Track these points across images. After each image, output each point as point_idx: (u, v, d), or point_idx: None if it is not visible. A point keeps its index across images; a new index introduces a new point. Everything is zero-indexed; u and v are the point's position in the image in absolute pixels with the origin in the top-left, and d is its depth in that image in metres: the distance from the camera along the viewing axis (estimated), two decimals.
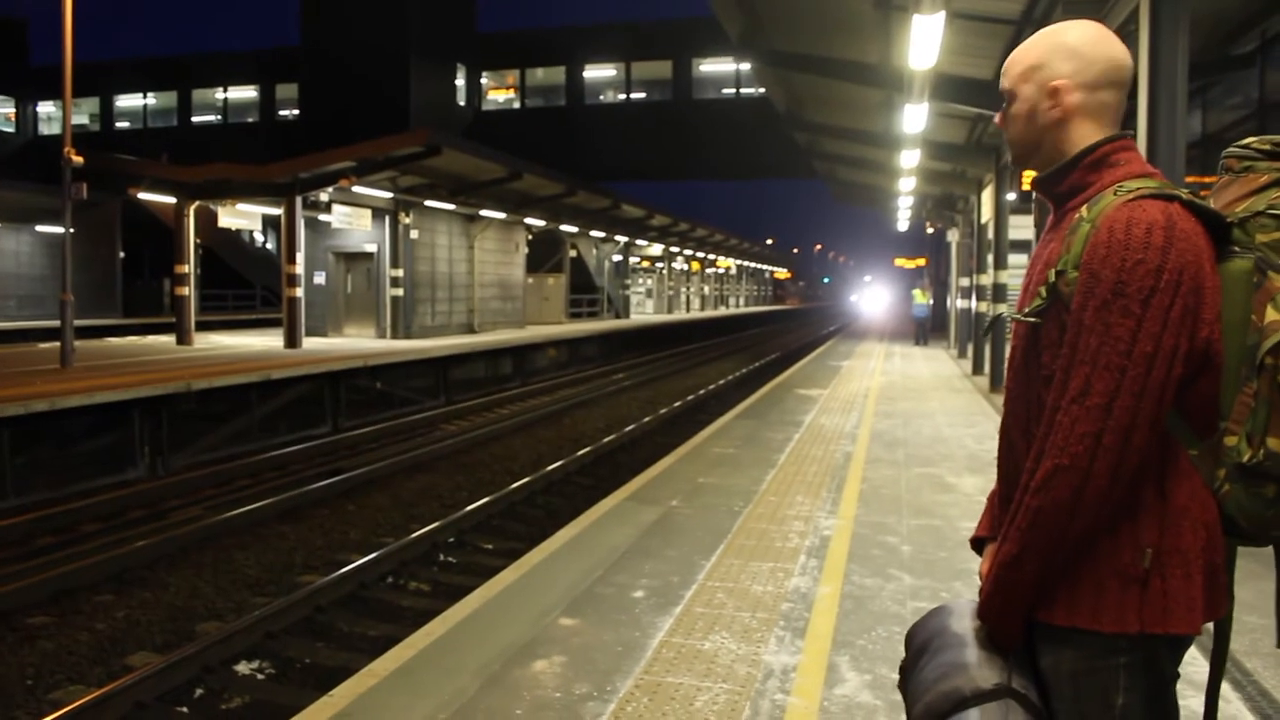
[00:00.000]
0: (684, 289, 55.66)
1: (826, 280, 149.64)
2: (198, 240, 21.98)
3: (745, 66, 36.85)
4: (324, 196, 20.18)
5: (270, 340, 21.38)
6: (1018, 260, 17.02)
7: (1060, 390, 1.71)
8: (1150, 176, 1.78)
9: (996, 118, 1.96)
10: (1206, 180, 13.34)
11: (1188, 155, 7.29)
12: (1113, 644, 1.74)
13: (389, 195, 21.50)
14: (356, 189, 19.93)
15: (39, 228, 31.06)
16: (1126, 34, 9.09)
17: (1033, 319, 1.79)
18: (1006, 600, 1.78)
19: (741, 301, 74.62)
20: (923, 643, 1.93)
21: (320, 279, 22.86)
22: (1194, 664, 4.59)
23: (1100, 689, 1.75)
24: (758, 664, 4.50)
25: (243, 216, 22.03)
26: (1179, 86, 6.86)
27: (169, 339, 21.45)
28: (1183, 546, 1.75)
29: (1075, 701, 1.77)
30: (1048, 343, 1.77)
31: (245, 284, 43.46)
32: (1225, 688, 4.29)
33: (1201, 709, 2.07)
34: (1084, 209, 1.77)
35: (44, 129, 51.33)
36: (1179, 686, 1.90)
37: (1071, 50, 1.84)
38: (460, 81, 45.39)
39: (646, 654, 4.62)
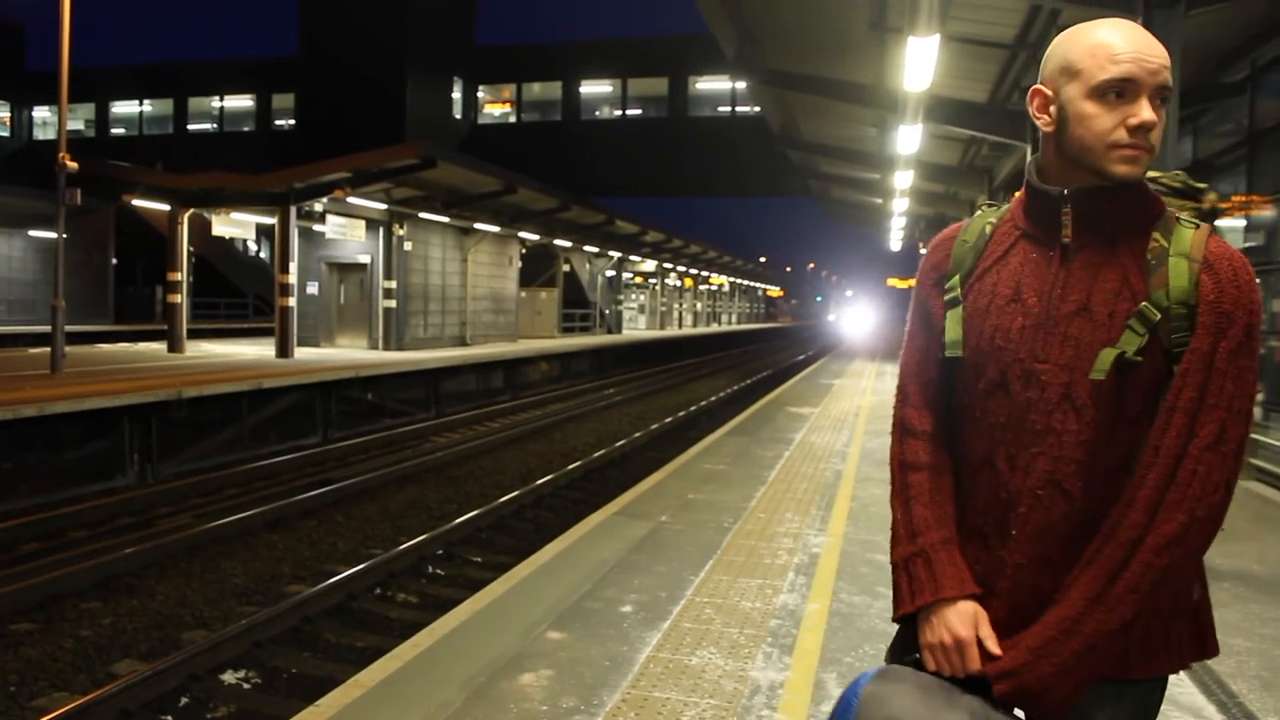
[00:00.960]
0: (676, 305, 55.74)
1: (820, 299, 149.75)
2: (191, 248, 21.96)
3: (741, 85, 36.99)
4: (318, 207, 20.19)
5: (262, 349, 21.35)
6: None
7: (1184, 436, 1.57)
8: None
9: (1153, 116, 1.60)
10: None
11: None
12: (1162, 682, 1.72)
13: (383, 207, 21.52)
14: (351, 200, 19.96)
15: (32, 233, 31.00)
16: None
17: (1139, 359, 1.60)
18: (1090, 676, 1.59)
19: (734, 319, 74.76)
20: None
21: (313, 289, 22.86)
22: (1179, 685, 4.61)
23: None
24: (745, 680, 4.50)
25: (237, 225, 22.02)
26: (1170, 113, 6.92)
27: (160, 346, 21.42)
28: (1203, 573, 1.73)
29: None
30: (1140, 385, 1.61)
31: (238, 293, 43.45)
32: (1211, 710, 4.31)
33: None
34: (1158, 237, 1.65)
35: (39, 134, 51.31)
36: (1165, 708, 1.84)
37: None
38: (456, 94, 45.53)
39: (634, 669, 4.61)
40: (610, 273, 40.55)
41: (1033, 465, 1.66)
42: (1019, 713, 1.64)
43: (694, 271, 54.42)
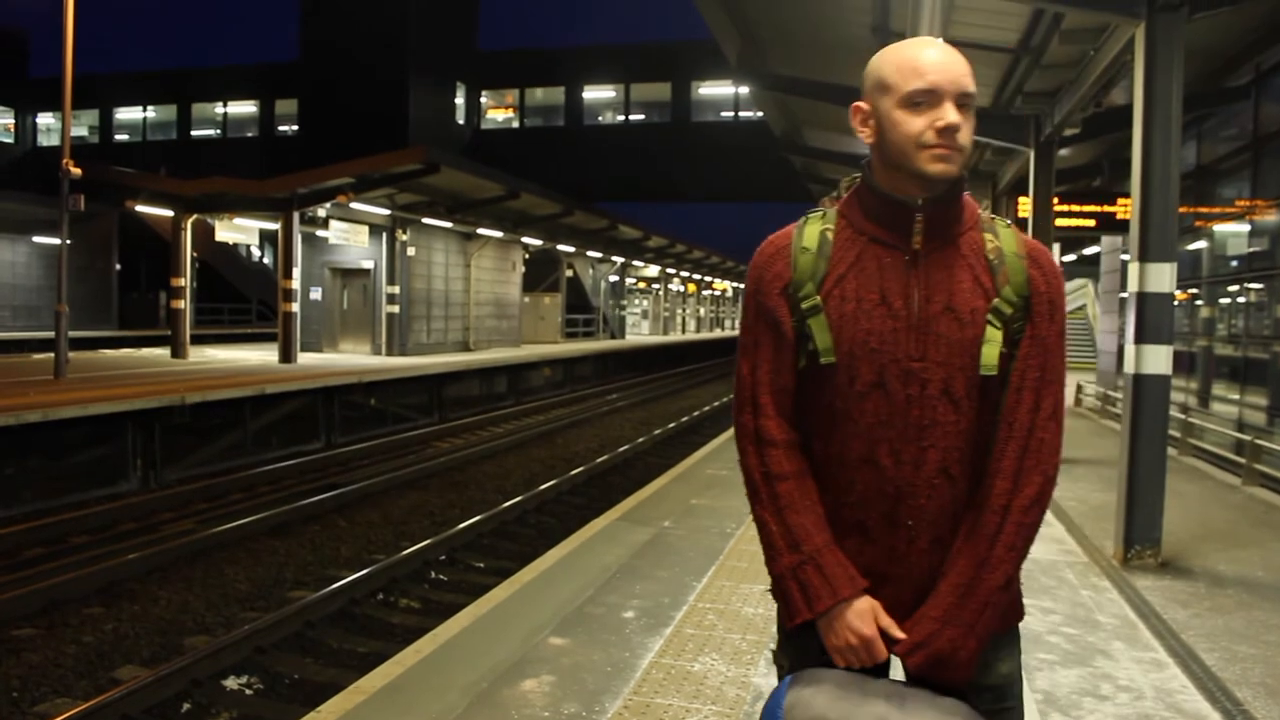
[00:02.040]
0: (680, 310, 55.75)
1: None
2: (194, 254, 21.99)
3: (744, 90, 37.02)
4: (321, 212, 20.22)
5: (265, 355, 21.36)
6: None
7: (1032, 411, 1.79)
8: None
9: (965, 122, 1.78)
10: (1201, 210, 13.42)
11: (1181, 186, 7.33)
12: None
13: (386, 212, 21.54)
14: (354, 205, 19.97)
15: (36, 238, 31.07)
16: (1122, 64, 9.17)
17: (1006, 350, 1.79)
18: (987, 631, 1.76)
19: (737, 324, 74.64)
20: None
21: (316, 294, 22.87)
22: (1184, 693, 4.59)
23: (1017, 661, 1.91)
24: (747, 686, 4.49)
25: (240, 231, 22.07)
26: (1174, 117, 6.91)
27: (164, 352, 21.43)
28: None
29: (1004, 698, 1.87)
30: (1002, 372, 1.79)
31: (241, 298, 43.50)
32: (1216, 716, 4.29)
33: None
34: (988, 238, 1.84)
35: (43, 140, 51.38)
36: (1170, 715, 1.91)
37: None
38: (460, 100, 45.56)
39: (636, 675, 4.60)
40: (613, 278, 40.56)
41: (923, 458, 1.78)
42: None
43: (697, 276, 54.44)
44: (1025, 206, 12.29)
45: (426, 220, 22.81)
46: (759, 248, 1.93)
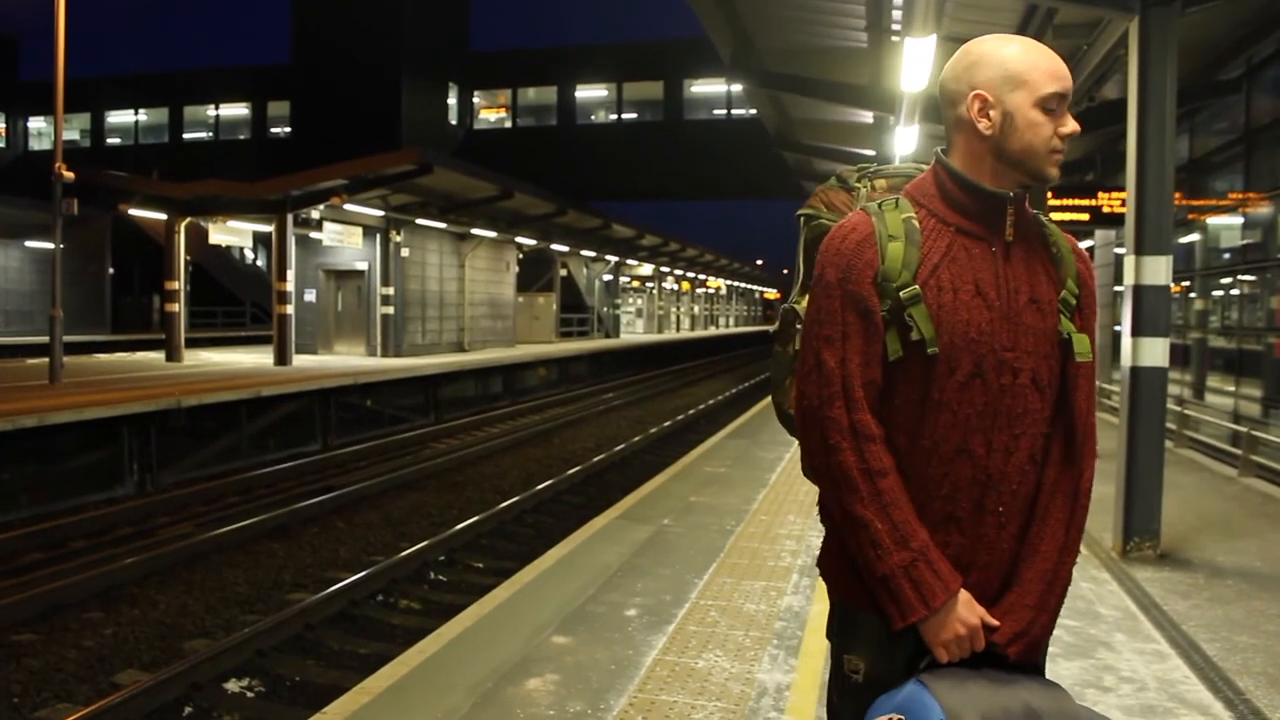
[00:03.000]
0: (674, 309, 55.76)
1: None
2: (188, 257, 21.97)
3: (736, 87, 37.03)
4: (315, 214, 20.19)
5: (260, 357, 21.33)
6: None
7: (1087, 399, 1.88)
8: None
9: (1075, 127, 1.84)
10: (1195, 203, 13.45)
11: (1175, 179, 7.35)
12: None
13: (380, 213, 21.51)
14: (348, 207, 19.94)
15: (29, 243, 30.98)
16: (1115, 58, 9.19)
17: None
18: (1060, 610, 1.88)
19: (731, 322, 74.76)
20: None
21: (311, 296, 22.84)
22: (1186, 683, 4.61)
23: None
24: (751, 682, 4.50)
25: (233, 233, 22.02)
26: (1168, 110, 6.93)
27: (158, 355, 21.39)
28: None
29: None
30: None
31: (235, 301, 43.42)
32: (1219, 707, 4.30)
33: None
34: (1045, 232, 1.91)
35: (35, 144, 51.28)
36: (1173, 705, 1.95)
37: None
38: (452, 100, 45.54)
39: (640, 672, 4.61)
40: (607, 277, 40.54)
41: (1016, 445, 1.81)
42: None
43: (691, 275, 54.45)
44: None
45: (420, 221, 22.79)
46: (836, 233, 1.89)
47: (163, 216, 20.63)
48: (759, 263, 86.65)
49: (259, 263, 45.28)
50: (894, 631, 1.78)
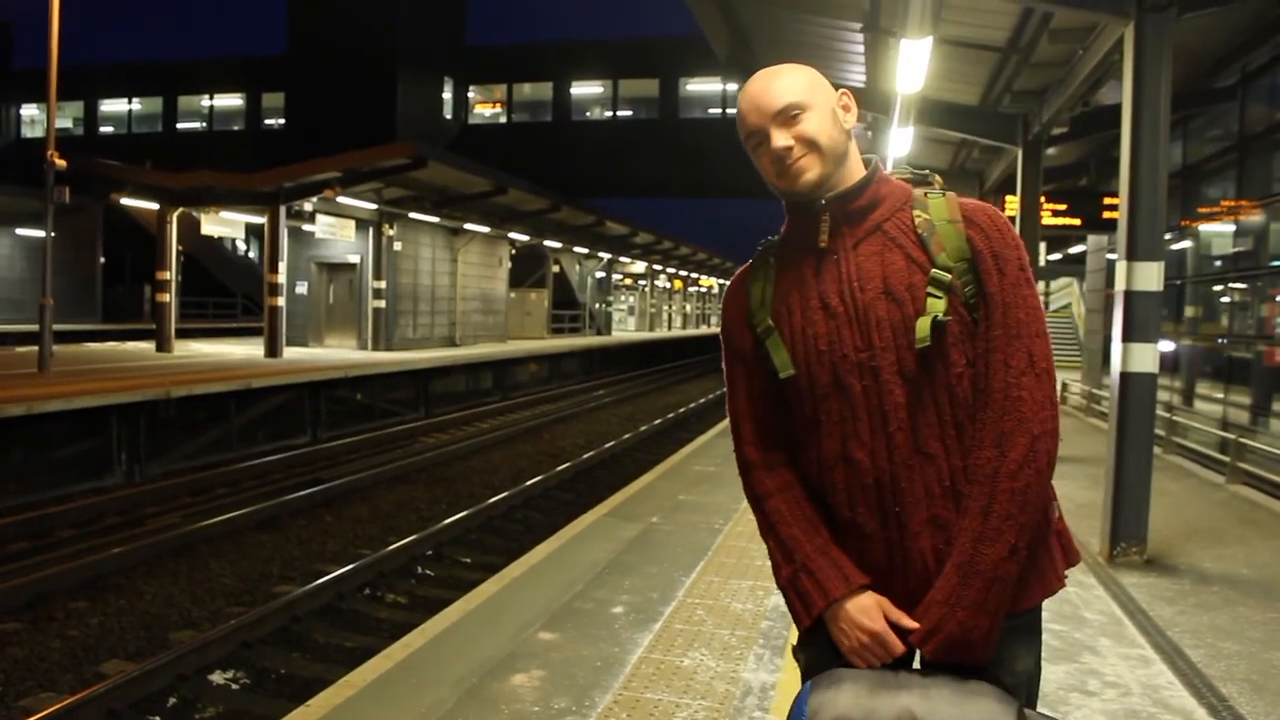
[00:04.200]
0: (666, 307, 55.74)
1: None
2: (180, 247, 21.87)
3: (732, 86, 37.01)
4: (308, 206, 20.14)
5: (251, 349, 21.28)
6: None
7: (1002, 370, 1.76)
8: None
9: (799, 128, 1.83)
10: (1199, 211, 13.48)
11: (1169, 185, 7.37)
12: (1040, 607, 1.88)
13: (373, 206, 21.46)
14: (341, 199, 19.91)
15: (20, 231, 30.84)
16: (1110, 64, 9.20)
17: (948, 318, 1.77)
18: (999, 607, 1.72)
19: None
20: None
21: (302, 289, 22.78)
22: (1170, 689, 4.62)
23: (1036, 656, 1.89)
24: (737, 681, 4.50)
25: (226, 224, 21.94)
26: (1162, 117, 6.94)
27: (149, 345, 21.32)
28: (1053, 492, 1.89)
29: (1027, 686, 1.85)
30: (954, 339, 1.77)
31: (226, 292, 43.26)
32: (1202, 713, 4.32)
33: None
34: (917, 213, 1.85)
35: (27, 132, 51.05)
36: (1156, 711, 1.90)
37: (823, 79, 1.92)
38: (447, 95, 45.45)
39: (626, 669, 4.61)
40: (600, 274, 40.51)
41: (893, 443, 1.78)
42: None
43: (684, 273, 54.43)
44: (1013, 205, 12.33)
45: (413, 215, 22.75)
46: (729, 284, 2.05)
47: (155, 206, 20.56)
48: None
49: (251, 254, 45.17)
50: (814, 634, 1.86)
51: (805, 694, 1.70)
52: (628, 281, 49.41)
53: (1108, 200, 14.23)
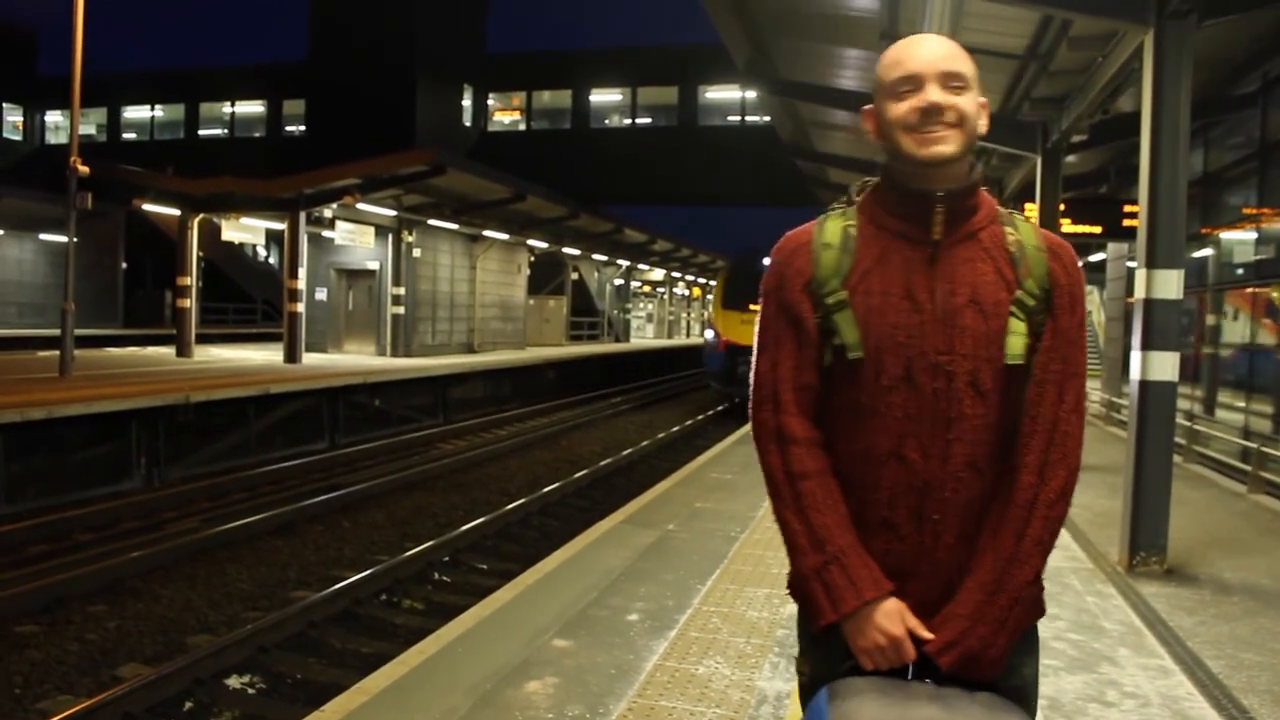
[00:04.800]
0: (685, 314, 55.73)
1: None
2: (200, 253, 22.03)
3: (751, 94, 36.98)
4: (328, 213, 20.24)
5: (270, 355, 21.38)
6: None
7: (1056, 403, 1.80)
8: None
9: (955, 100, 1.79)
10: (1229, 218, 13.37)
11: (1189, 193, 7.32)
12: None
13: (392, 213, 21.55)
14: (360, 206, 19.99)
15: (43, 236, 31.13)
16: (1130, 71, 9.15)
17: (1031, 340, 1.80)
18: (1018, 626, 1.76)
19: None
20: None
21: (322, 295, 22.89)
22: (1190, 700, 4.58)
23: (1036, 663, 1.91)
24: (752, 690, 4.48)
25: (246, 230, 22.08)
26: (1182, 124, 6.90)
27: (169, 350, 21.45)
28: None
29: (1024, 701, 1.84)
30: (1026, 364, 1.80)
31: (247, 298, 43.53)
32: None
33: None
34: (1008, 231, 1.86)
35: (51, 138, 51.48)
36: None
37: None
38: (467, 102, 45.57)
39: (640, 677, 4.59)
40: (618, 281, 40.55)
41: (950, 452, 1.77)
42: None
43: (702, 280, 54.42)
44: (1032, 213, 12.26)
45: (432, 222, 22.83)
46: (778, 244, 1.93)
47: (176, 212, 20.71)
48: None
49: (271, 260, 45.38)
50: (826, 636, 1.80)
51: (823, 703, 1.68)
52: (646, 288, 49.43)
53: (1128, 208, 14.15)
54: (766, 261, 1.96)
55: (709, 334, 25.67)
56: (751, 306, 24.18)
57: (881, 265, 1.82)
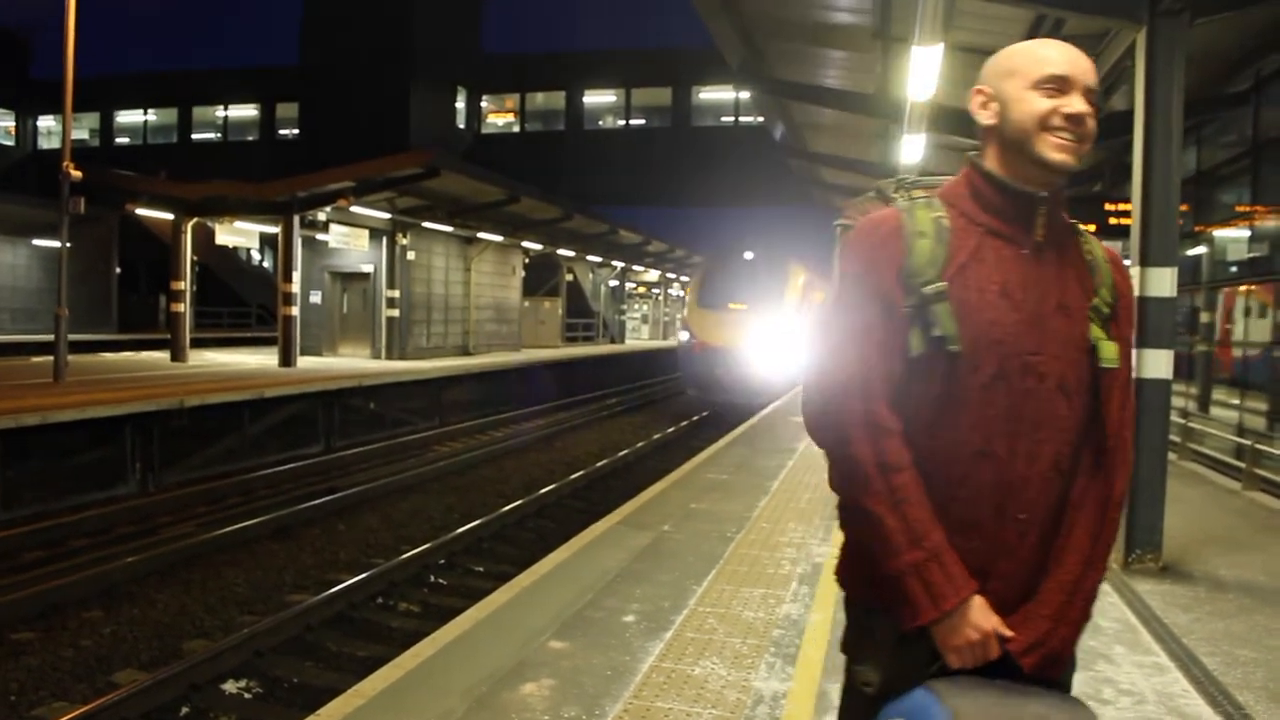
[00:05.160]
0: (679, 315, 55.73)
1: None
2: (194, 257, 21.96)
3: (745, 95, 37.03)
4: (322, 216, 20.20)
5: (265, 358, 21.35)
6: None
7: (1119, 410, 1.85)
8: None
9: (1090, 117, 1.80)
10: (1221, 216, 13.39)
11: (1181, 191, 7.33)
12: None
13: (387, 216, 21.53)
14: (354, 209, 19.97)
15: (36, 241, 31.04)
16: (1123, 69, 9.17)
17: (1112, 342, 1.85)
18: (1085, 626, 1.84)
19: None
20: None
21: (316, 298, 22.85)
22: (1185, 697, 4.58)
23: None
24: (748, 690, 4.48)
25: (240, 234, 22.05)
26: (1174, 123, 6.91)
27: (163, 355, 21.40)
28: None
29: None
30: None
31: (241, 302, 43.47)
32: None
33: None
34: (1082, 241, 1.90)
35: (44, 143, 51.35)
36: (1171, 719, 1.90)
37: None
38: (460, 104, 45.54)
39: (636, 678, 4.59)
40: (613, 282, 40.55)
41: (1039, 452, 1.77)
42: None
43: None
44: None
45: (427, 224, 22.81)
46: (863, 226, 1.89)
47: (170, 216, 20.67)
48: None
49: (265, 264, 45.38)
50: (906, 639, 1.76)
51: (931, 704, 1.64)
52: (641, 290, 49.44)
53: (1122, 206, 14.17)
54: (749, 256, 1.95)
55: (683, 335, 25.12)
56: (732, 305, 24.07)
57: (977, 261, 1.80)
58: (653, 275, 44.93)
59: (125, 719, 5.65)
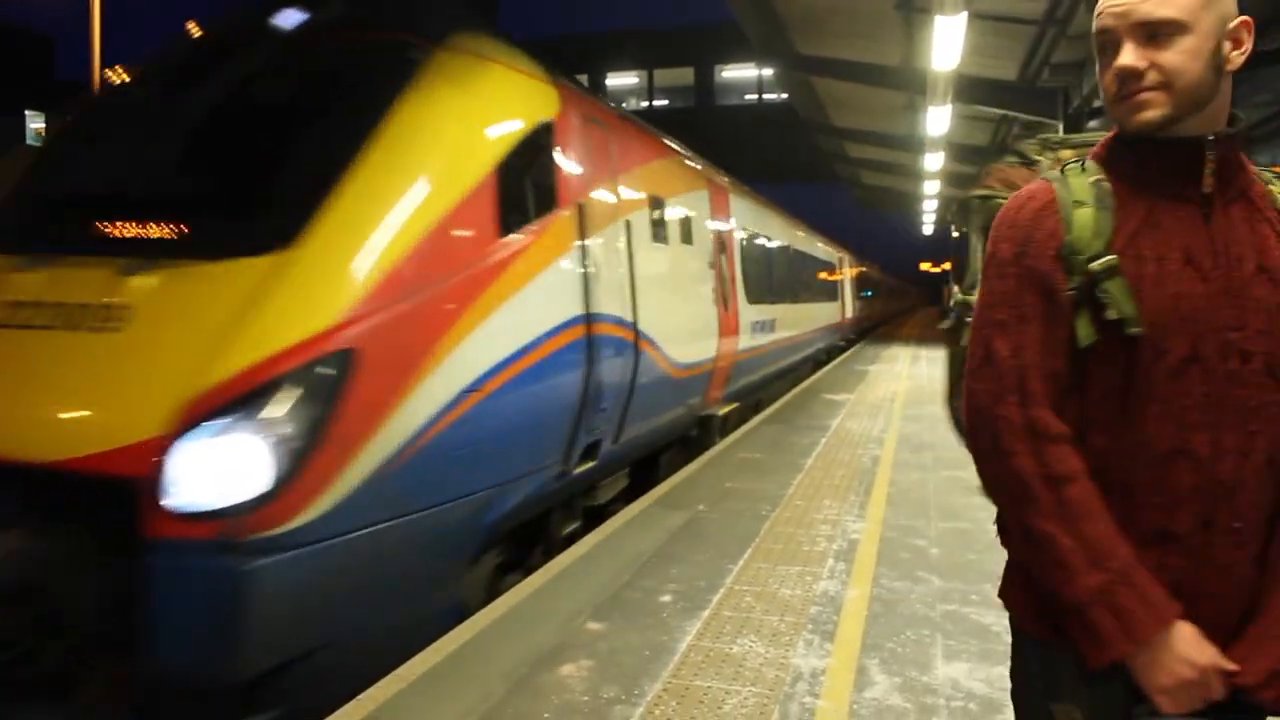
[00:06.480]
0: None
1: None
2: None
3: (767, 72, 36.86)
4: None
5: None
6: None
7: None
8: None
9: (1156, 54, 1.51)
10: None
11: None
12: None
13: None
14: None
15: None
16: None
17: None
18: None
19: None
20: None
21: None
22: None
23: None
24: (786, 667, 4.48)
25: None
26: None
27: None
28: None
29: None
30: None
31: None
32: None
33: None
34: (1274, 189, 1.62)
35: None
36: None
37: None
38: None
39: (674, 657, 4.60)
40: None
41: (1251, 446, 1.50)
42: None
43: None
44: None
45: None
46: (1011, 204, 1.67)
47: None
48: None
49: None
50: (1098, 677, 1.50)
51: None
52: None
53: None
54: None
55: None
56: None
57: (1150, 226, 1.55)
58: None
59: None
